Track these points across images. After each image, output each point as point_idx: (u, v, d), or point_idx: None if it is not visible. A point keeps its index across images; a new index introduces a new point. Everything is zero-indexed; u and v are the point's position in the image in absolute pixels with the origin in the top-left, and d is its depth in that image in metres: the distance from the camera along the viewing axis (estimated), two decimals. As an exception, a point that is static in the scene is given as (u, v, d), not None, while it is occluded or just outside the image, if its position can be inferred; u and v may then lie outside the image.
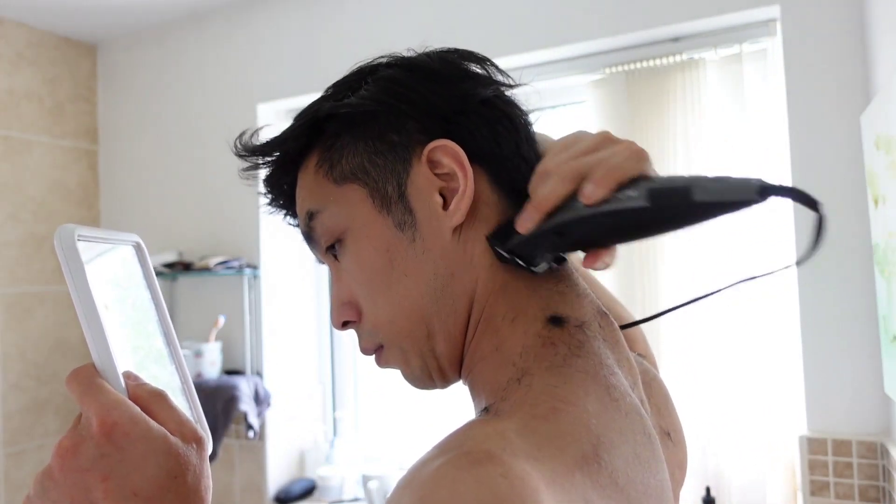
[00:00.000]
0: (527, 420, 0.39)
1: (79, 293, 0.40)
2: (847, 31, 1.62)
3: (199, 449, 0.41)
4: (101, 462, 0.38)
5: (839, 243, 1.61)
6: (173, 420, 0.41)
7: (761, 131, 1.81)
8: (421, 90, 0.50)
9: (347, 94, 0.52)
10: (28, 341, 2.55)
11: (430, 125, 0.50)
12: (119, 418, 0.38)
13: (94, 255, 0.43)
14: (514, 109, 0.53)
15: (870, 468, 1.56)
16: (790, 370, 1.75)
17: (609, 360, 0.46)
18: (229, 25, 2.53)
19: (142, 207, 2.71)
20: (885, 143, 1.27)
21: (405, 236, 0.50)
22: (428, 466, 0.35)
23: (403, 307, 0.50)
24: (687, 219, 0.44)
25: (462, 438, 0.37)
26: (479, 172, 0.50)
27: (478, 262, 0.50)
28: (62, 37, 2.73)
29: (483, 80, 0.52)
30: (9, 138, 2.53)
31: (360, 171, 0.51)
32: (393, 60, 0.53)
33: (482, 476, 0.32)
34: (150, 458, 0.38)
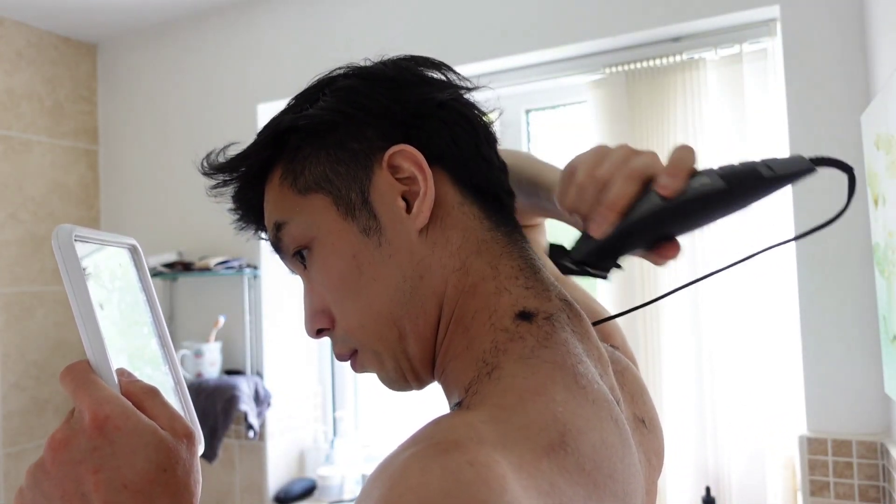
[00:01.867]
0: (495, 411, 0.40)
1: (75, 291, 0.41)
2: (847, 31, 1.62)
3: (189, 444, 0.42)
4: (93, 455, 0.38)
5: (839, 243, 1.61)
6: (164, 415, 0.42)
7: (761, 131, 1.81)
8: (378, 97, 0.51)
9: (306, 106, 0.53)
10: (28, 341, 2.55)
11: (389, 131, 0.51)
12: (111, 412, 0.39)
13: (89, 254, 0.45)
14: (472, 111, 0.54)
15: (870, 468, 1.56)
16: (790, 370, 1.75)
17: (577, 349, 0.47)
18: (229, 25, 2.53)
19: (142, 207, 2.71)
20: (885, 143, 1.27)
21: (371, 241, 0.50)
22: (397, 458, 0.36)
23: (373, 311, 0.51)
24: (756, 195, 0.48)
25: (432, 430, 0.38)
26: (441, 174, 0.51)
27: (447, 262, 0.50)
28: (62, 37, 2.73)
29: (439, 85, 0.53)
30: (9, 138, 2.53)
31: (323, 181, 0.52)
32: (350, 71, 0.55)
33: (448, 464, 0.33)
34: (141, 452, 0.39)
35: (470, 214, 0.52)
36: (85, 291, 0.42)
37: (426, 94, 0.52)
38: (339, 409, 2.57)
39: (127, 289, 0.48)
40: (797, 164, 0.47)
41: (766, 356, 1.77)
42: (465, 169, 0.52)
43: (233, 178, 0.56)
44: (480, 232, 0.51)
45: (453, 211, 0.51)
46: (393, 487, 0.33)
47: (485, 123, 0.55)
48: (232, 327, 2.42)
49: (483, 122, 0.55)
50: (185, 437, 0.41)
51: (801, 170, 0.48)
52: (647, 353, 1.87)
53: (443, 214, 0.51)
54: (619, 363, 0.60)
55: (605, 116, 1.96)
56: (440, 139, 0.51)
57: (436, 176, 0.51)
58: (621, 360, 0.61)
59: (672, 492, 1.83)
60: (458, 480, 0.32)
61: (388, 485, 0.34)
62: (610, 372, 0.52)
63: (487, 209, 0.53)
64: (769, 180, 0.47)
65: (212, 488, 2.45)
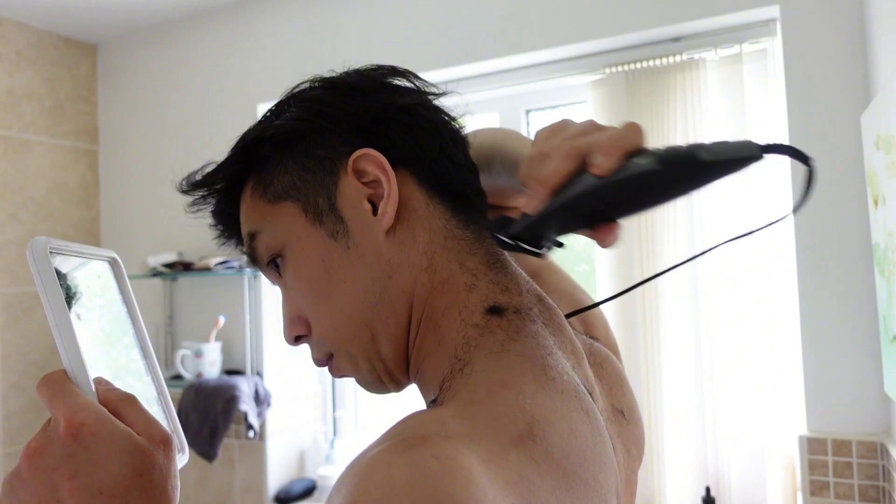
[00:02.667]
0: (464, 405, 0.41)
1: (50, 301, 0.42)
2: (847, 31, 1.62)
3: (166, 449, 0.42)
4: (68, 461, 0.38)
5: (839, 243, 1.61)
6: (141, 421, 0.42)
7: (761, 131, 1.81)
8: (340, 105, 0.53)
9: (273, 118, 0.55)
10: (28, 341, 2.55)
11: (353, 137, 0.52)
12: (86, 419, 0.39)
13: (69, 268, 0.45)
14: (436, 115, 0.55)
15: (870, 468, 1.56)
16: (790, 370, 1.75)
17: (547, 341, 0.48)
18: (229, 25, 2.53)
19: (142, 207, 2.71)
20: (885, 143, 1.27)
21: (339, 245, 0.52)
22: (367, 455, 0.36)
23: (344, 313, 0.52)
24: (695, 180, 0.45)
25: (401, 427, 0.39)
26: (405, 175, 0.52)
27: (415, 262, 0.51)
28: (62, 37, 2.73)
29: (401, 91, 0.55)
30: (9, 138, 2.53)
31: (291, 189, 0.53)
32: (315, 82, 0.56)
33: (414, 459, 0.34)
34: (116, 457, 0.39)
35: (436, 214, 0.53)
36: (60, 302, 0.42)
37: (388, 100, 0.53)
38: (339, 409, 2.57)
39: (107, 301, 0.49)
40: (742, 150, 0.43)
41: (765, 356, 1.77)
42: (430, 170, 0.53)
43: (209, 194, 0.57)
44: (447, 230, 0.52)
45: (419, 211, 0.52)
46: (359, 483, 0.34)
47: (451, 126, 0.56)
48: (232, 327, 2.42)
49: (449, 124, 0.56)
50: (161, 443, 0.41)
51: (745, 156, 0.43)
52: (647, 353, 1.87)
53: (409, 215, 0.52)
54: (598, 355, 0.60)
55: (605, 116, 1.96)
56: (403, 142, 0.52)
57: (401, 178, 0.52)
58: (600, 351, 0.61)
59: (672, 492, 1.84)
60: (424, 473, 0.33)
61: (354, 481, 0.34)
62: (584, 364, 0.53)
63: (455, 208, 0.54)
64: (708, 164, 0.43)
65: (212, 488, 2.45)
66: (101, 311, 0.47)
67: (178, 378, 2.38)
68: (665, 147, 0.45)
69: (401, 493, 0.32)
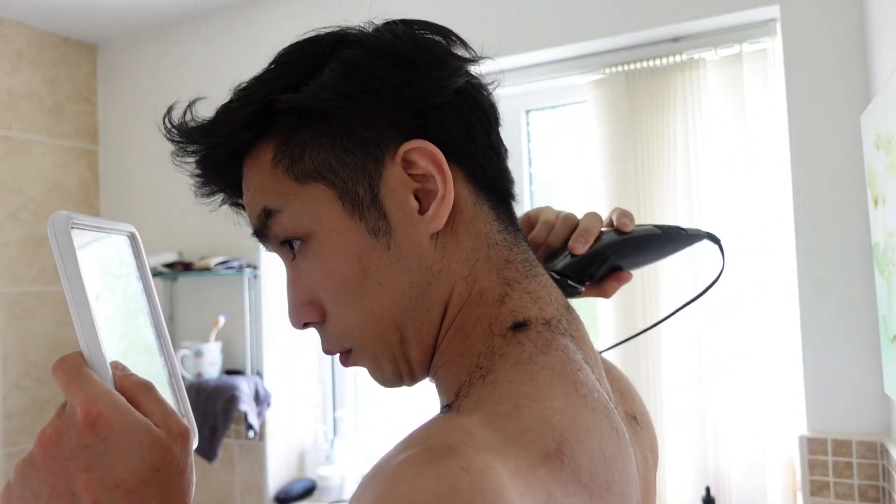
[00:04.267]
0: (490, 416, 0.38)
1: (70, 281, 0.40)
2: (847, 31, 1.62)
3: (183, 442, 0.40)
4: (84, 452, 0.37)
5: (839, 243, 1.61)
6: (159, 412, 0.40)
7: (761, 131, 1.81)
8: (391, 80, 0.46)
9: (304, 78, 0.47)
10: (28, 341, 2.55)
11: (403, 120, 0.46)
12: (104, 409, 0.38)
13: (87, 242, 0.43)
14: (482, 94, 0.51)
15: (870, 468, 1.56)
16: (790, 370, 1.75)
17: (577, 355, 0.46)
18: (229, 25, 2.53)
19: (142, 207, 2.71)
20: (884, 143, 1.27)
21: (379, 243, 0.46)
22: (391, 462, 0.34)
23: (375, 315, 0.47)
24: (678, 245, 0.63)
25: (425, 434, 0.37)
26: (456, 171, 0.48)
27: (456, 270, 0.47)
28: (62, 37, 2.73)
29: (454, 66, 0.48)
30: (9, 138, 2.53)
31: (326, 170, 0.46)
32: (355, 38, 0.49)
33: (442, 471, 0.32)
34: (134, 450, 0.38)
35: (482, 216, 0.49)
36: (79, 281, 0.40)
37: (443, 79, 0.47)
38: (339, 409, 2.57)
39: (124, 277, 0.47)
40: (697, 232, 0.64)
41: (765, 356, 1.77)
42: (479, 165, 0.49)
43: (209, 150, 0.50)
44: (490, 236, 0.49)
45: (467, 213, 0.48)
46: (385, 493, 0.32)
47: (494, 107, 0.52)
48: (232, 327, 2.42)
49: (493, 106, 0.52)
50: (179, 436, 0.40)
51: (698, 235, 0.64)
52: (647, 352, 1.87)
53: (456, 217, 0.47)
54: (605, 362, 0.60)
55: (605, 116, 1.96)
56: (457, 132, 0.47)
57: (452, 170, 0.47)
58: (604, 359, 0.60)
59: (672, 492, 1.84)
60: (453, 487, 0.31)
61: (379, 490, 0.33)
62: (604, 377, 0.51)
63: (498, 207, 0.50)
64: (685, 236, 0.62)
65: (212, 488, 2.45)
66: (117, 288, 0.46)
67: (178, 378, 2.38)
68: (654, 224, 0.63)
69: None
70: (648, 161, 1.88)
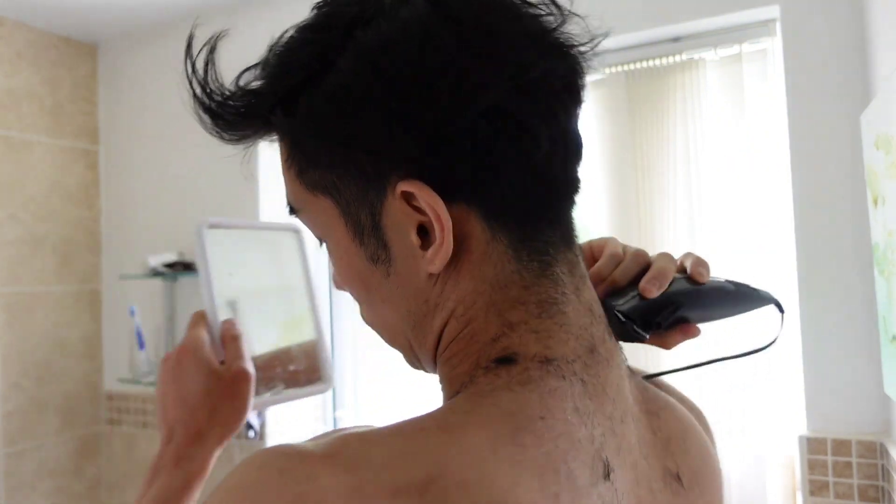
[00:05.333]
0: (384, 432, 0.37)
1: (198, 263, 0.59)
2: (847, 31, 1.62)
3: (237, 379, 0.57)
4: (171, 373, 0.58)
5: (839, 243, 1.61)
6: (232, 355, 0.58)
7: (761, 131, 1.81)
8: (394, 107, 0.40)
9: (314, 71, 0.43)
10: (28, 341, 2.55)
11: (406, 152, 0.41)
12: (187, 345, 0.58)
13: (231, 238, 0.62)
14: (526, 105, 0.41)
15: (869, 468, 1.56)
16: (790, 370, 1.75)
17: (565, 402, 0.40)
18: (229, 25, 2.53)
19: (142, 207, 2.71)
20: (884, 143, 1.27)
21: (378, 270, 0.45)
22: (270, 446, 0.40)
23: (386, 323, 0.49)
24: (746, 305, 0.60)
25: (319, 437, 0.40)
26: (465, 210, 0.42)
27: (451, 307, 0.44)
28: (62, 37, 2.73)
29: (489, 74, 0.40)
30: (9, 138, 2.53)
31: (331, 188, 0.44)
32: (372, 17, 0.42)
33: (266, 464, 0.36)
34: (195, 376, 0.57)
35: (494, 257, 0.43)
36: (205, 261, 0.58)
37: (462, 101, 0.40)
38: (339, 409, 2.57)
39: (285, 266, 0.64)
40: (768, 296, 0.60)
41: (766, 356, 1.77)
42: (503, 198, 0.42)
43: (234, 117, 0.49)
44: (499, 279, 0.43)
45: (474, 254, 0.43)
46: (233, 471, 0.37)
47: (544, 120, 0.42)
48: (232, 327, 2.41)
49: (543, 118, 0.42)
50: (236, 373, 0.58)
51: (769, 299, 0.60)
52: (647, 352, 1.88)
53: (462, 257, 0.43)
54: (654, 402, 0.51)
55: (605, 116, 1.96)
56: (470, 167, 0.41)
57: (460, 212, 0.42)
58: (657, 398, 0.53)
59: (672, 492, 1.83)
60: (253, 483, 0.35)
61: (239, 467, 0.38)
62: (626, 424, 0.44)
63: (525, 237, 0.43)
64: (756, 297, 0.59)
65: (212, 487, 2.45)
66: (261, 272, 0.64)
67: (179, 378, 2.38)
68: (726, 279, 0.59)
69: (235, 492, 0.35)
70: (648, 161, 1.88)
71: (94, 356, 2.76)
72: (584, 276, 0.47)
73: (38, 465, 2.54)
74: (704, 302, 0.56)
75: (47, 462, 2.58)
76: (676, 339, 0.55)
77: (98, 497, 2.74)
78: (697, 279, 0.54)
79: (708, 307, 0.57)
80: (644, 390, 0.51)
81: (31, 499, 2.52)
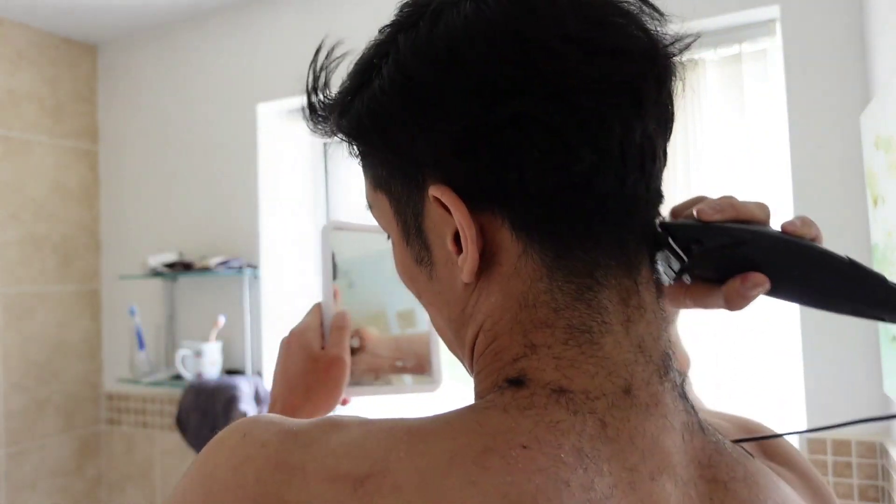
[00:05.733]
0: (358, 421, 0.38)
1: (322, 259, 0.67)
2: (847, 31, 1.62)
3: (331, 364, 0.63)
4: (283, 352, 0.65)
5: (838, 243, 1.61)
6: (334, 343, 0.64)
7: (761, 131, 1.81)
8: (423, 111, 0.40)
9: (363, 82, 0.44)
10: (28, 341, 2.55)
11: (439, 150, 0.40)
12: (297, 331, 0.65)
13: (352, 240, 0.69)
14: (565, 110, 0.38)
15: (869, 468, 1.56)
16: (790, 370, 1.75)
17: (562, 439, 0.36)
18: (229, 25, 2.53)
19: (142, 207, 2.71)
20: (884, 143, 1.27)
21: (424, 271, 0.45)
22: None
23: (437, 326, 0.49)
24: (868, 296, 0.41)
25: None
26: (496, 218, 0.40)
27: (480, 320, 0.43)
28: (62, 37, 2.73)
29: (520, 81, 0.38)
30: (9, 138, 2.53)
31: (384, 184, 0.45)
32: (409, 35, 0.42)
33: (238, 429, 0.38)
34: (297, 358, 0.64)
35: (524, 272, 0.40)
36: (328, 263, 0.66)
37: (491, 107, 0.38)
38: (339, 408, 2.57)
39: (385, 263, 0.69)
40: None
41: (766, 356, 1.77)
42: (534, 213, 0.40)
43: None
44: (528, 296, 0.40)
45: (505, 266, 0.41)
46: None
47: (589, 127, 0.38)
48: (232, 327, 2.42)
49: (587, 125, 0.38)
50: (332, 358, 0.63)
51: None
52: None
53: (494, 268, 0.41)
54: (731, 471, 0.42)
55: (604, 116, 1.96)
56: (496, 174, 0.39)
57: (490, 220, 0.40)
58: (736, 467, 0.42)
59: (672, 492, 1.84)
60: (221, 440, 0.38)
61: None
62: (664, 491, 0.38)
63: (562, 253, 0.40)
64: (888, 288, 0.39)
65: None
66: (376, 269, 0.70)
67: (179, 378, 2.38)
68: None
69: (211, 445, 0.38)
70: (648, 161, 1.88)
71: (94, 356, 2.77)
72: (644, 307, 0.41)
73: (38, 464, 2.55)
74: (790, 258, 0.40)
75: (48, 462, 2.58)
76: (737, 288, 0.42)
77: (98, 497, 2.74)
78: (789, 230, 0.41)
79: (795, 267, 0.40)
80: (717, 454, 0.42)
81: (32, 498, 2.52)
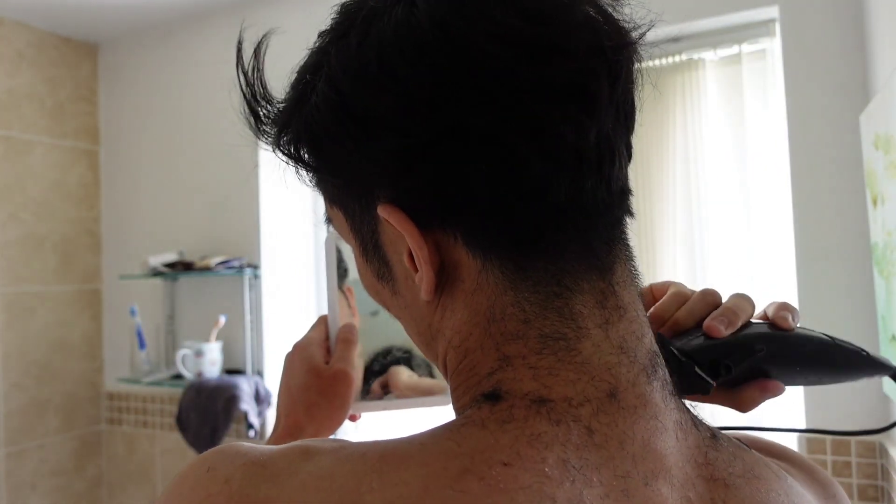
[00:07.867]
0: (331, 448, 0.36)
1: (326, 270, 0.63)
2: (846, 31, 1.62)
3: (336, 379, 0.59)
4: (287, 365, 0.62)
5: (838, 243, 1.62)
6: (338, 357, 0.60)
7: (760, 131, 1.81)
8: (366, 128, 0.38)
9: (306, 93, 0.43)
10: (28, 341, 2.55)
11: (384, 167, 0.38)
12: (300, 345, 0.62)
13: None
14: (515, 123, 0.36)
15: (868, 467, 1.56)
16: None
17: (550, 451, 0.34)
18: (229, 25, 2.54)
19: (142, 207, 2.71)
20: (883, 143, 1.27)
21: (386, 287, 0.44)
22: None
23: (406, 331, 0.47)
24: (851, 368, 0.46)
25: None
26: (446, 235, 0.39)
27: (449, 336, 0.41)
28: (63, 37, 2.73)
29: (475, 96, 0.35)
30: (10, 138, 2.54)
31: (337, 200, 0.44)
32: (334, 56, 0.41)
33: (203, 462, 0.36)
34: (300, 371, 0.60)
35: (487, 287, 0.39)
36: (332, 272, 0.63)
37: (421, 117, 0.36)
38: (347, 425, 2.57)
39: None
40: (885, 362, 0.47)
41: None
42: (486, 226, 0.38)
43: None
44: (495, 310, 0.39)
45: (466, 282, 0.39)
46: None
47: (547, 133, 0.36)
48: (232, 327, 2.42)
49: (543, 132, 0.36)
50: (336, 372, 0.59)
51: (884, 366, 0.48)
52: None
53: (455, 284, 0.40)
54: (729, 467, 0.41)
55: (604, 116, 1.96)
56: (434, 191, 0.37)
57: (444, 239, 0.39)
58: (735, 462, 0.41)
59: (671, 491, 1.84)
60: (186, 475, 0.36)
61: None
62: (659, 495, 0.36)
63: (526, 265, 0.38)
64: (865, 360, 0.46)
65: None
66: None
67: (179, 378, 2.38)
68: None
69: (176, 480, 0.36)
70: (647, 161, 1.88)
71: (94, 356, 2.77)
72: (623, 308, 0.39)
73: (38, 464, 2.55)
74: (790, 354, 0.45)
75: (48, 461, 2.58)
76: (753, 396, 0.44)
77: (98, 497, 2.74)
78: (781, 324, 0.45)
79: (795, 362, 0.45)
80: (715, 450, 0.41)
81: (32, 498, 2.53)
